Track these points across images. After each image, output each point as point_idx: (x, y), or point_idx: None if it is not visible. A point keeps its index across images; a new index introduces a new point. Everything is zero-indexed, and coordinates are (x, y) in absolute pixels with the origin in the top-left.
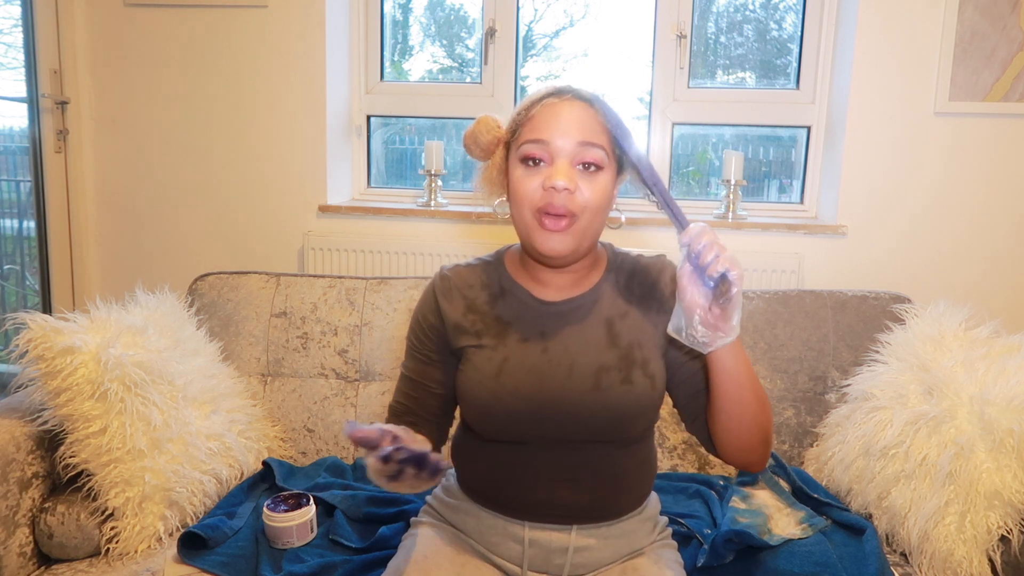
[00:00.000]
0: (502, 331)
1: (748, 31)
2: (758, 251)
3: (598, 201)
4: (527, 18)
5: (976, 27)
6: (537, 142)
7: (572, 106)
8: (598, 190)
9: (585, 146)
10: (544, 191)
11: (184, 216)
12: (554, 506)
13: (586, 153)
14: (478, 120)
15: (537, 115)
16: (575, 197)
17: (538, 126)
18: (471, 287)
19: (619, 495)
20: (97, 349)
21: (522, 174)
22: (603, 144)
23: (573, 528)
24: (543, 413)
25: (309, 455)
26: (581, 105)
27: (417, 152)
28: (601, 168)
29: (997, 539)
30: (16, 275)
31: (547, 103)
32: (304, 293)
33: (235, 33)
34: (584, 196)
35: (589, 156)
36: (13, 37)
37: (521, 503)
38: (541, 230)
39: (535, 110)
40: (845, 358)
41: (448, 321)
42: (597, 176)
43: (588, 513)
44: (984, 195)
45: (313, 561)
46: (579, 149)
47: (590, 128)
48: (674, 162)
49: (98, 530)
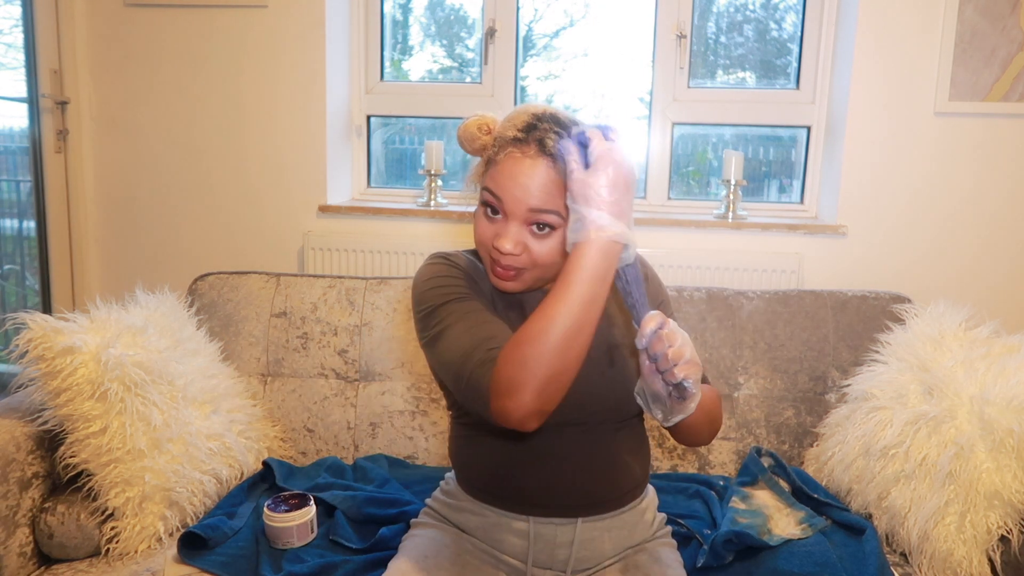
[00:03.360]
0: (519, 313)
1: (748, 31)
2: (758, 251)
3: (548, 258)
4: (527, 18)
5: (976, 27)
6: (494, 195)
7: (532, 165)
8: (548, 249)
9: (537, 212)
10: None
11: (184, 216)
12: (561, 495)
13: (538, 217)
14: (465, 125)
15: (501, 164)
16: (522, 257)
17: (498, 178)
18: (475, 270)
19: (624, 477)
20: (97, 349)
21: (481, 215)
22: (558, 208)
23: (578, 521)
24: (566, 397)
25: (309, 455)
26: (543, 164)
27: (417, 152)
28: (555, 228)
29: (997, 539)
30: (16, 275)
31: (511, 154)
32: (304, 293)
33: (235, 33)
34: (533, 255)
35: (541, 219)
36: (13, 37)
37: (527, 495)
38: (493, 273)
39: (501, 156)
40: (845, 358)
41: (472, 279)
42: (549, 236)
43: (593, 501)
44: (984, 194)
45: (313, 561)
46: (530, 214)
47: (545, 192)
48: (674, 162)
49: (98, 530)
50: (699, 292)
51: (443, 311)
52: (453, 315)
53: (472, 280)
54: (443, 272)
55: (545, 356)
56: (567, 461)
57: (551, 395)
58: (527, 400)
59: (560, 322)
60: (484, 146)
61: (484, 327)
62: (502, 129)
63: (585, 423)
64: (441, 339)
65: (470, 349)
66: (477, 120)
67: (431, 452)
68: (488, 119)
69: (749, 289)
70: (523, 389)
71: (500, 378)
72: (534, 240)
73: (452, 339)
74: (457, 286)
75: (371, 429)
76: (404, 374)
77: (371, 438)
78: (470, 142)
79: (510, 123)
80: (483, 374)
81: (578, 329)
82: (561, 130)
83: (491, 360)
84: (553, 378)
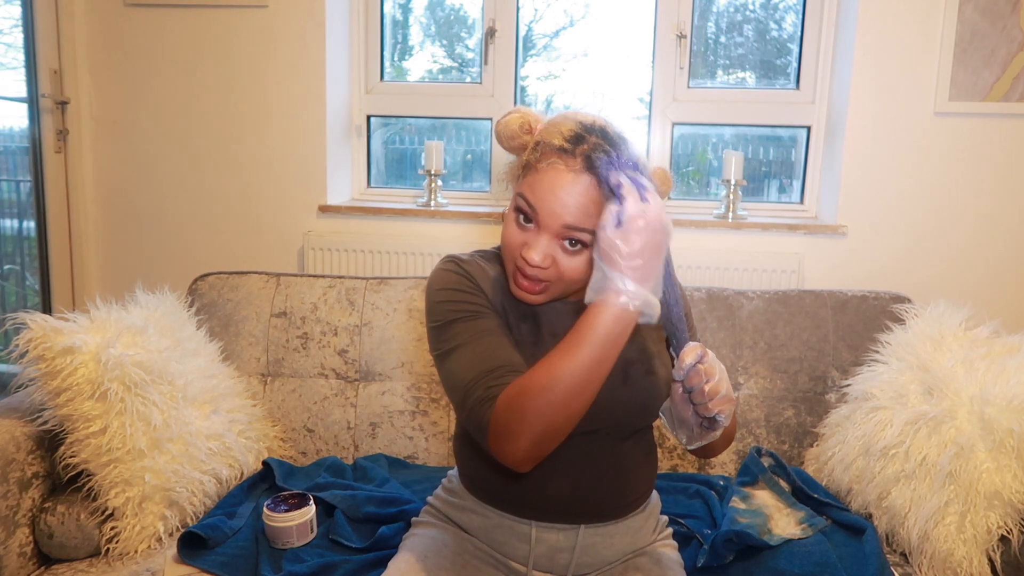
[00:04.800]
0: (532, 325)
1: (748, 31)
2: (758, 251)
3: (575, 274)
4: (527, 18)
5: (976, 27)
6: (529, 204)
7: (574, 181)
8: (576, 265)
9: (571, 229)
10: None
11: (184, 216)
12: (564, 503)
13: (571, 234)
14: (506, 121)
15: (542, 173)
16: (549, 271)
17: (535, 187)
18: (487, 279)
19: (629, 487)
20: (97, 349)
21: (512, 220)
22: (594, 226)
23: (580, 527)
24: None
25: (309, 455)
26: (584, 181)
27: (417, 152)
28: (587, 245)
29: (997, 539)
30: (16, 275)
31: (553, 164)
32: (304, 293)
33: (235, 33)
34: (560, 268)
35: (574, 235)
36: (13, 37)
37: (531, 501)
38: (516, 283)
39: (543, 164)
40: (845, 358)
41: (484, 292)
42: (580, 252)
43: (597, 509)
44: (984, 195)
45: (313, 561)
46: (564, 230)
47: (583, 210)
48: (674, 162)
49: (98, 530)
50: (699, 292)
51: (454, 329)
52: (463, 335)
53: (484, 293)
54: (455, 283)
55: (545, 412)
56: (572, 469)
57: (548, 446)
58: (522, 448)
59: (565, 381)
60: (524, 145)
61: (492, 356)
62: (547, 134)
63: (593, 433)
64: (449, 359)
65: (473, 381)
66: (519, 117)
67: (431, 452)
68: (531, 117)
69: (749, 289)
70: (520, 438)
71: (498, 421)
72: (564, 255)
73: (459, 363)
74: (470, 301)
75: (371, 429)
76: (404, 374)
77: (371, 438)
78: (509, 139)
79: (556, 129)
80: (483, 412)
81: (582, 389)
82: (610, 147)
83: (492, 399)
84: (551, 432)
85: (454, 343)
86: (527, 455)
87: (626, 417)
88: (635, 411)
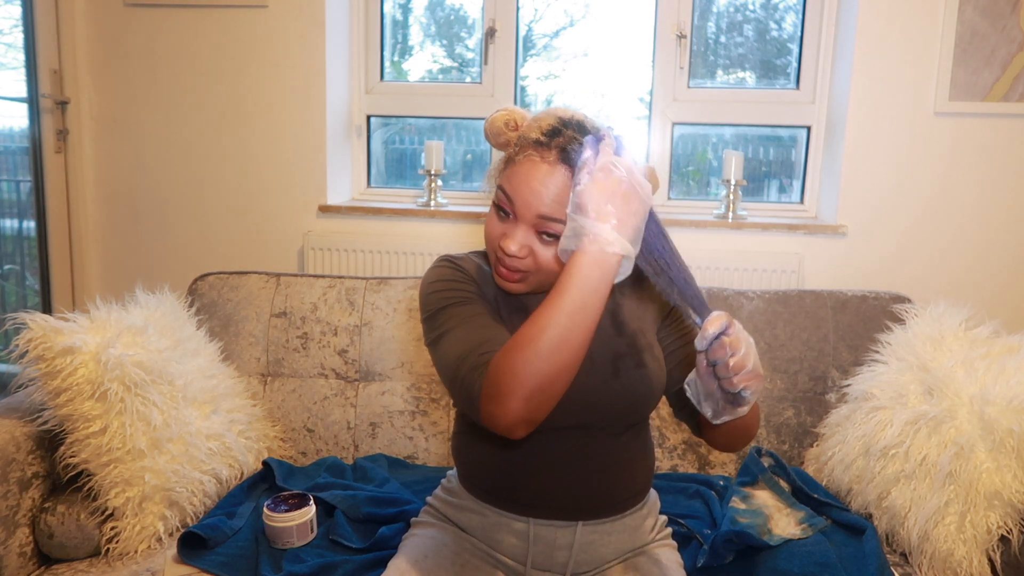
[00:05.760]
0: (524, 318)
1: (748, 31)
2: (758, 251)
3: (553, 264)
4: (527, 18)
5: (976, 27)
6: (507, 195)
7: (549, 172)
8: (554, 256)
9: (546, 219)
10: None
11: (184, 216)
12: (561, 499)
13: (547, 225)
14: (493, 119)
15: (519, 165)
16: (527, 260)
17: (513, 179)
18: (480, 274)
19: (625, 483)
20: (97, 349)
21: (492, 214)
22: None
23: (578, 524)
24: (565, 404)
25: (309, 455)
26: (560, 172)
27: (417, 152)
28: None
29: (997, 539)
30: (16, 275)
31: (529, 156)
32: (304, 293)
33: (235, 33)
34: (538, 259)
35: (549, 227)
36: (13, 37)
37: (528, 497)
38: (497, 272)
39: (520, 157)
40: (845, 358)
41: (476, 283)
42: (556, 244)
43: (594, 505)
44: (984, 195)
45: (313, 561)
46: (539, 221)
47: (558, 201)
48: (674, 162)
49: (98, 530)
50: None
51: (445, 315)
52: (454, 319)
53: (477, 284)
54: (448, 275)
55: (534, 364)
56: (568, 465)
57: (540, 403)
58: (515, 407)
59: (549, 329)
60: (508, 142)
61: (482, 332)
62: (527, 129)
63: (587, 428)
64: (441, 343)
65: (465, 353)
66: (505, 115)
67: (431, 452)
68: (516, 114)
69: (749, 289)
70: (511, 396)
71: (490, 384)
72: (541, 246)
73: (450, 343)
74: (460, 290)
75: (371, 429)
76: (404, 374)
77: (371, 438)
78: (495, 136)
79: (536, 124)
80: (475, 379)
81: (567, 337)
82: (584, 139)
83: (483, 365)
84: (542, 386)
85: (445, 328)
86: (519, 415)
87: (618, 411)
88: (627, 404)
